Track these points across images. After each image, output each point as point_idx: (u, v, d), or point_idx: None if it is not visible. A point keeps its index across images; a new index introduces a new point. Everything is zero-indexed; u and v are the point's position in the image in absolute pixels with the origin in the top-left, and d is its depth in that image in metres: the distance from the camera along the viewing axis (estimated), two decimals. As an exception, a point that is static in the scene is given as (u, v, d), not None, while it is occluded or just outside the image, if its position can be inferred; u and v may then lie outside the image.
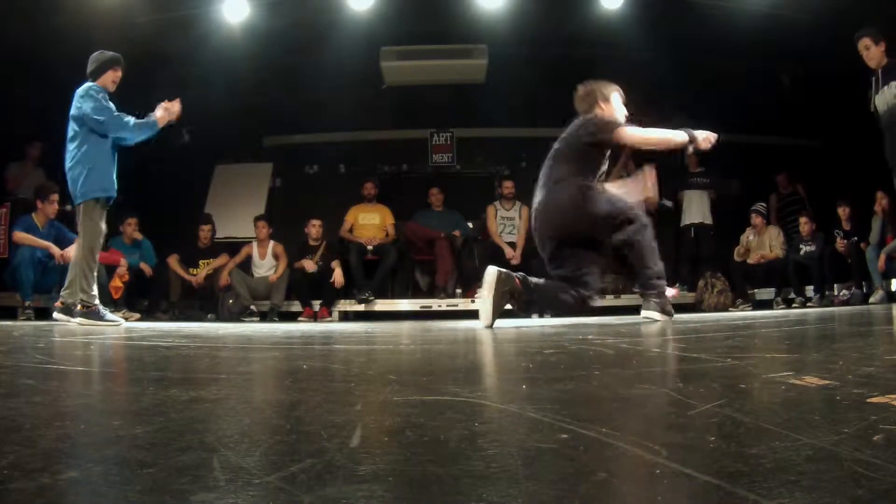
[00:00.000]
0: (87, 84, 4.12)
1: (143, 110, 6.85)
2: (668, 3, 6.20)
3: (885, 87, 4.42)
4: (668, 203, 7.08)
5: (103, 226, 4.12)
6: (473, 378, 1.46)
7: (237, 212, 7.09)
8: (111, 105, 4.09)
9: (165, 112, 4.18)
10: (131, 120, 4.08)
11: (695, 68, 6.68)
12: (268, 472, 0.61)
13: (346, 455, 0.67)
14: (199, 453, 0.67)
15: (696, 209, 6.97)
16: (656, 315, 3.53)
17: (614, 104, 3.75)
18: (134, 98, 4.45)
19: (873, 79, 4.52)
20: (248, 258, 6.52)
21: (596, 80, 3.82)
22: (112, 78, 4.19)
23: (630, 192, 3.67)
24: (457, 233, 6.66)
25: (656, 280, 3.60)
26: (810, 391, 1.02)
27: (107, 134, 4.06)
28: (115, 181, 4.18)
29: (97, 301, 4.06)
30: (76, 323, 3.97)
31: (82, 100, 4.05)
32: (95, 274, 4.09)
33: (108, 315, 4.09)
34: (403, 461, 0.64)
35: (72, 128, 4.09)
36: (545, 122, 7.57)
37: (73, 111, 4.08)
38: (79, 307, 4.00)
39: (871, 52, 4.46)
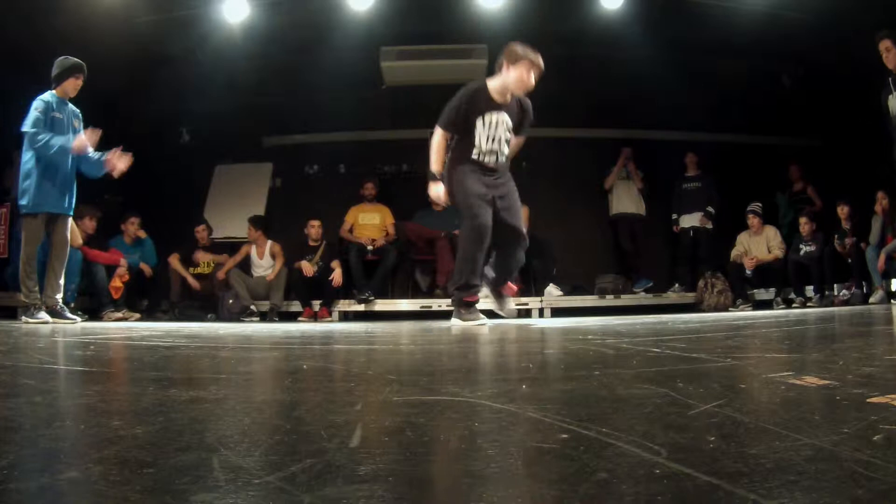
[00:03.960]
0: (39, 97, 4.23)
1: (142, 111, 6.86)
2: (668, 3, 6.19)
3: None
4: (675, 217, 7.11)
5: (41, 235, 4.31)
6: (473, 378, 1.46)
7: (237, 212, 7.08)
8: (48, 118, 4.18)
9: (80, 142, 4.22)
10: (47, 139, 4.13)
11: (695, 68, 6.68)
12: (268, 472, 0.61)
13: (346, 455, 0.67)
14: (199, 453, 0.67)
15: (695, 215, 6.98)
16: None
17: (515, 76, 3.75)
18: (134, 98, 4.45)
19: (889, 79, 4.51)
20: (248, 258, 6.52)
21: (522, 46, 3.79)
22: (73, 85, 4.30)
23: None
24: (457, 232, 6.66)
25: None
26: (810, 391, 1.02)
27: (29, 149, 4.19)
28: (61, 198, 4.32)
29: (35, 301, 4.27)
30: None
31: (28, 113, 4.20)
32: (34, 277, 4.29)
33: (36, 312, 4.25)
34: (403, 461, 0.64)
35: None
36: (545, 122, 7.56)
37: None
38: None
39: (891, 55, 4.44)
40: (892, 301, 5.54)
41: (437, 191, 3.91)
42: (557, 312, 6.11)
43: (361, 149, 7.70)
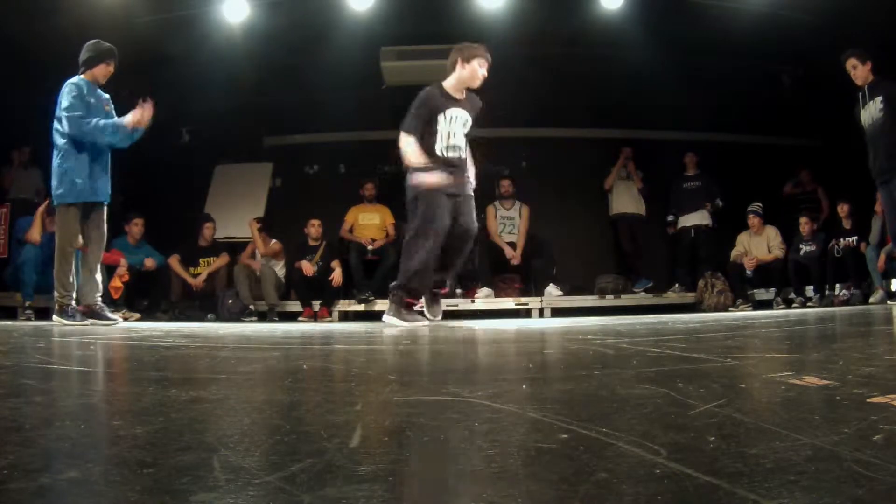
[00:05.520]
0: (69, 81, 3.99)
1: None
2: (668, 3, 6.19)
3: (871, 103, 4.58)
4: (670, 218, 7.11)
5: (77, 227, 4.05)
6: (473, 378, 1.46)
7: (237, 212, 7.09)
8: (84, 103, 3.95)
9: (135, 115, 4.00)
10: (95, 121, 3.92)
11: (695, 68, 6.67)
12: (268, 472, 0.61)
13: (346, 455, 0.67)
14: (199, 453, 0.67)
15: (694, 214, 6.98)
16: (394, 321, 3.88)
17: (469, 71, 3.97)
18: (134, 99, 4.43)
19: (860, 94, 4.70)
20: (251, 256, 6.55)
21: (471, 44, 4.04)
22: (104, 72, 4.07)
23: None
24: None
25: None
26: (810, 391, 1.02)
27: (72, 135, 3.93)
28: (98, 185, 4.07)
29: (71, 301, 4.03)
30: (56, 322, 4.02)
31: (61, 98, 3.97)
32: (72, 274, 4.04)
33: (72, 314, 4.02)
34: (403, 461, 0.64)
35: (54, 127, 4.02)
36: (545, 122, 7.57)
37: (56, 110, 4.01)
38: (56, 306, 4.04)
39: (858, 72, 4.66)
40: (889, 301, 5.54)
41: (431, 177, 3.90)
42: (557, 312, 6.11)
43: (361, 149, 7.70)
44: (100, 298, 4.16)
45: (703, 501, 0.52)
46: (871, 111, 4.59)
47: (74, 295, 4.09)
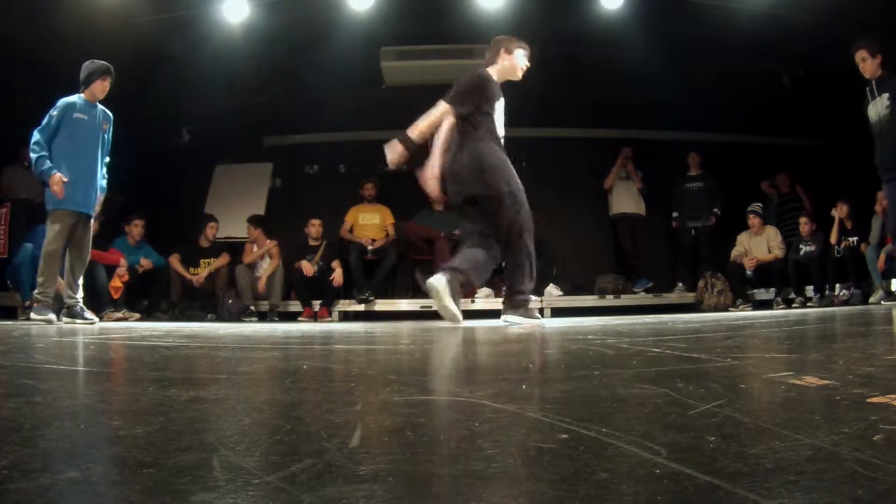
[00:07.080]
0: (64, 98, 4.23)
1: (142, 111, 6.87)
2: (668, 3, 6.19)
3: (879, 98, 4.52)
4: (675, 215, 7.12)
5: (64, 230, 4.23)
6: (473, 378, 1.46)
7: (237, 212, 7.09)
8: (57, 120, 4.16)
9: (54, 183, 4.11)
10: (40, 155, 4.12)
11: (695, 68, 6.67)
12: (268, 472, 0.60)
13: (346, 455, 0.67)
14: (199, 453, 0.67)
15: (696, 212, 6.97)
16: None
17: (511, 62, 3.93)
18: (134, 98, 4.45)
19: (867, 88, 4.65)
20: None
21: (512, 37, 3.99)
22: (101, 87, 4.32)
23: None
24: (457, 232, 6.66)
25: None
26: (810, 391, 1.02)
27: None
28: (86, 198, 4.29)
29: (46, 298, 4.21)
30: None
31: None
32: (55, 274, 4.26)
33: (43, 313, 4.17)
34: (403, 461, 0.64)
35: None
36: (545, 122, 7.57)
37: None
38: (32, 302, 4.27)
39: (867, 65, 4.59)
40: (881, 302, 5.53)
41: (395, 152, 3.92)
42: (557, 312, 6.11)
43: (361, 149, 7.70)
44: (80, 299, 4.36)
45: (703, 501, 0.52)
46: (878, 107, 4.53)
47: (77, 295, 4.28)
